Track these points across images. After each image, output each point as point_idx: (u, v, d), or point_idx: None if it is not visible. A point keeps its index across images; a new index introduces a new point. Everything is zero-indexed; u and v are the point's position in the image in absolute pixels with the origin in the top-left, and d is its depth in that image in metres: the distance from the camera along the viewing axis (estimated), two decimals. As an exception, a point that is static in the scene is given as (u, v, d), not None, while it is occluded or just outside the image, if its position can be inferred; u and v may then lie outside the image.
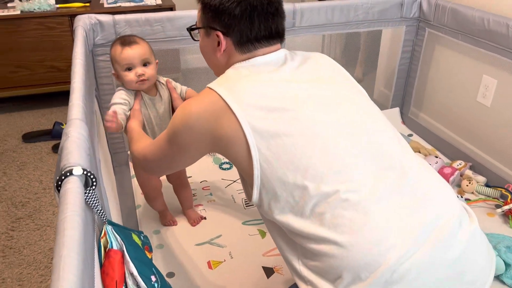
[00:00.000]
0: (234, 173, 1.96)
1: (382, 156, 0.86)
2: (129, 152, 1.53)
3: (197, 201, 1.77)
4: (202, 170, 1.97)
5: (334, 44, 3.05)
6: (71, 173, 0.71)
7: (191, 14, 1.81)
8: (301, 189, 0.83)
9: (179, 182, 1.64)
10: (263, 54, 0.97)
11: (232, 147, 0.87)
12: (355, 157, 0.85)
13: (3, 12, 2.34)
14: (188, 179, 1.89)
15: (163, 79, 1.47)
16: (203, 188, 1.86)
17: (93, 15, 1.68)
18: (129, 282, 0.77)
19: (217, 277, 1.42)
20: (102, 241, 0.78)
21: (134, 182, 1.82)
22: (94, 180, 0.74)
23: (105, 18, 1.69)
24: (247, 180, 0.91)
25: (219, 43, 0.97)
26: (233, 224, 1.65)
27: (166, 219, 1.65)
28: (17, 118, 2.62)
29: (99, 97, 1.77)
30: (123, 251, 0.77)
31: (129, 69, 1.33)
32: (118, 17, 1.72)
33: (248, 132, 0.84)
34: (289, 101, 0.88)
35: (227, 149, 0.89)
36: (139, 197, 1.76)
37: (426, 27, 2.14)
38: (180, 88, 1.49)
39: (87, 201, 0.73)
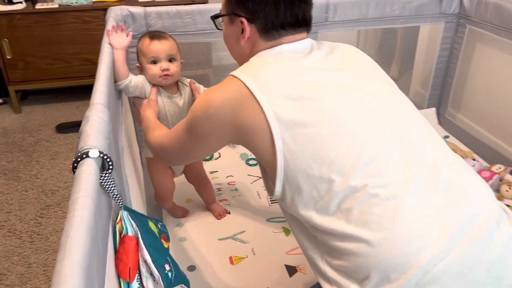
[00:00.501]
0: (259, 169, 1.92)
1: (414, 150, 0.81)
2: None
3: (222, 196, 1.75)
4: (229, 165, 1.95)
5: (370, 40, 2.97)
6: (87, 155, 0.70)
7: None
8: (326, 182, 0.78)
9: (198, 180, 1.63)
10: (289, 42, 0.93)
11: (254, 137, 0.84)
12: (384, 150, 0.80)
13: (42, 5, 2.41)
14: (214, 173, 1.89)
15: (186, 81, 1.45)
16: (228, 183, 1.84)
17: (125, 7, 1.69)
18: (143, 269, 0.75)
19: (238, 273, 1.39)
20: (117, 226, 0.77)
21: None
22: (110, 163, 0.73)
23: (136, 9, 1.70)
24: (269, 172, 0.88)
25: (243, 31, 0.94)
26: (257, 221, 1.62)
27: (177, 213, 1.64)
28: (52, 109, 2.69)
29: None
30: (138, 237, 0.76)
31: (154, 62, 1.33)
32: (149, 9, 1.72)
33: (273, 121, 0.81)
34: (315, 89, 0.84)
35: (249, 139, 0.86)
36: (164, 190, 1.75)
37: (466, 23, 2.04)
38: (203, 89, 1.47)
39: (103, 184, 0.71)
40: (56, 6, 2.40)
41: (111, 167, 0.73)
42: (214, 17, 1.04)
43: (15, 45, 2.41)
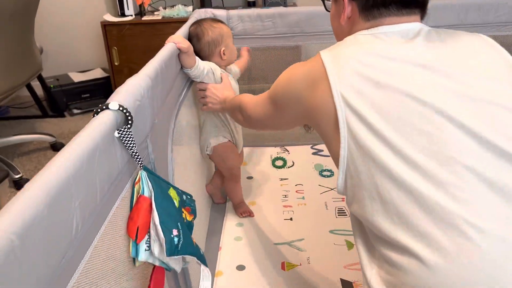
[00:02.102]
0: (333, 181, 1.81)
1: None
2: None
3: (287, 202, 1.68)
4: (301, 174, 1.88)
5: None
6: (107, 107, 0.71)
7: (302, 10, 1.77)
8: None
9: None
10: (390, 24, 0.80)
11: (321, 120, 0.76)
12: (480, 182, 0.64)
13: (148, 17, 2.64)
14: (284, 180, 1.83)
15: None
16: (296, 191, 1.76)
17: (209, 10, 1.76)
18: (152, 232, 0.72)
19: (288, 279, 1.30)
20: (136, 187, 0.76)
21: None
22: (130, 118, 0.72)
23: (220, 12, 1.75)
24: (334, 162, 0.79)
25: (344, 9, 0.85)
26: (319, 230, 1.51)
27: (242, 209, 1.62)
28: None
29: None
30: (152, 198, 0.73)
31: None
32: (232, 12, 1.77)
33: (339, 104, 0.72)
34: (398, 80, 0.71)
35: (317, 121, 0.79)
36: (230, 190, 1.74)
37: None
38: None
39: (121, 139, 0.71)
40: (159, 18, 2.61)
41: (130, 121, 0.72)
42: None
43: (122, 52, 2.67)
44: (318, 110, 0.77)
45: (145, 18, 2.63)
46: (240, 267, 1.36)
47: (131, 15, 2.69)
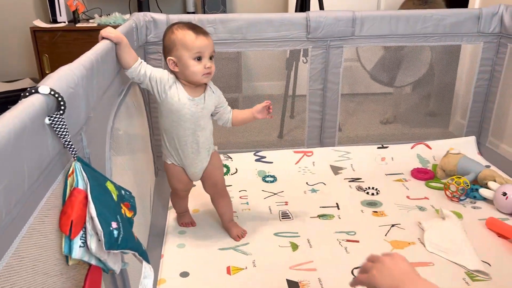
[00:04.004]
0: (276, 186, 1.82)
1: None
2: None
3: (231, 208, 1.65)
4: (244, 181, 1.86)
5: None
6: (36, 91, 0.65)
7: (244, 17, 1.78)
8: None
9: (216, 191, 1.49)
10: None
11: None
12: None
13: (82, 24, 2.54)
14: (227, 187, 1.80)
15: (214, 87, 1.36)
16: (240, 197, 1.74)
17: (148, 13, 1.72)
18: (89, 226, 0.67)
19: (234, 284, 1.26)
20: (69, 180, 0.70)
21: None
22: (62, 104, 0.67)
23: (159, 16, 1.72)
24: None
25: None
26: (263, 234, 1.49)
27: (184, 220, 1.55)
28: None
29: (147, 95, 1.77)
30: (87, 190, 0.68)
31: (199, 59, 1.24)
32: (172, 16, 1.74)
33: None
34: None
35: None
36: (172, 198, 1.68)
37: (508, 43, 1.89)
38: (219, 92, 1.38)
39: (53, 126, 0.65)
40: (95, 25, 2.52)
41: (62, 107, 0.67)
42: None
43: (54, 60, 2.53)
44: None
45: (79, 25, 2.52)
46: (184, 274, 1.30)
47: (64, 22, 2.56)
